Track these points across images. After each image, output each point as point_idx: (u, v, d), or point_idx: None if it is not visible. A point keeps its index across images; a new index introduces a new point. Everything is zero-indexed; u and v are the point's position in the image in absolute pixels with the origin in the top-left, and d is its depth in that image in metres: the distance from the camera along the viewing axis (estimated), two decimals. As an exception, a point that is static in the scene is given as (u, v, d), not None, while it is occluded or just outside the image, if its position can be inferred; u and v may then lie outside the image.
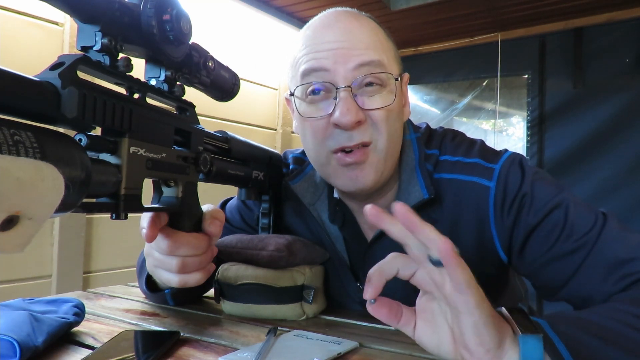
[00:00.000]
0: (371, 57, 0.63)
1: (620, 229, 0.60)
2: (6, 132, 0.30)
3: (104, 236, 1.78)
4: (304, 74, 0.65)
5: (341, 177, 0.66)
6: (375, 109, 0.64)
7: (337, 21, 0.66)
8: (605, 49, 2.60)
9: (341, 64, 0.62)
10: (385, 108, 0.64)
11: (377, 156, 0.65)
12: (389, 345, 0.58)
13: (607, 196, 2.53)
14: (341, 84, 0.63)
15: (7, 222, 0.28)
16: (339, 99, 0.62)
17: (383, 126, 0.64)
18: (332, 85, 0.63)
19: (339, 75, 0.63)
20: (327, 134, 0.65)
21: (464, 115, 3.33)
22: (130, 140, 0.46)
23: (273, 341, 0.57)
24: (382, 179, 0.68)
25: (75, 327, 0.60)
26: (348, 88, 0.62)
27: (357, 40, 0.64)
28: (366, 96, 0.64)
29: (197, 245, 0.57)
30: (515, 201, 0.64)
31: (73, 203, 0.38)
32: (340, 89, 0.62)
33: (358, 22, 0.66)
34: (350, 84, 0.62)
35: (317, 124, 0.65)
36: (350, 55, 0.63)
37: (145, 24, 0.47)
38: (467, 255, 0.68)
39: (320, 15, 0.69)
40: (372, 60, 0.63)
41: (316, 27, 0.67)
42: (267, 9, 2.45)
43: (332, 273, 0.78)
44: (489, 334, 0.40)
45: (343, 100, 0.62)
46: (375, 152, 0.65)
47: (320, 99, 0.65)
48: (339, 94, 0.63)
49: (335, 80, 0.63)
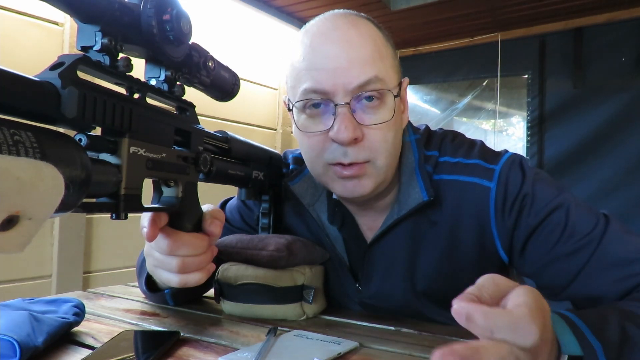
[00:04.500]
0: (369, 75, 0.62)
1: (622, 231, 0.60)
2: (6, 132, 0.30)
3: (104, 236, 1.78)
4: (304, 92, 0.65)
5: (338, 186, 0.67)
6: (373, 125, 0.63)
7: (335, 29, 0.65)
8: (605, 49, 2.60)
9: (340, 85, 0.62)
10: (384, 124, 0.64)
11: (375, 170, 0.65)
12: (389, 345, 0.58)
13: (607, 196, 2.53)
14: (340, 101, 0.62)
15: (7, 222, 0.28)
16: (337, 114, 0.62)
17: (381, 146, 0.64)
18: (331, 101, 0.63)
19: (339, 95, 0.63)
20: (325, 147, 0.65)
21: (464, 115, 3.33)
22: (130, 140, 0.45)
23: (273, 341, 0.57)
24: (381, 187, 0.68)
25: (75, 327, 0.60)
26: (347, 105, 0.62)
27: (355, 55, 0.63)
28: (365, 112, 0.64)
29: (197, 245, 0.57)
30: (516, 202, 0.64)
31: (73, 203, 0.37)
32: (339, 106, 0.62)
33: (356, 29, 0.65)
34: (349, 101, 0.62)
35: (315, 138, 0.65)
36: (350, 76, 0.62)
37: (145, 24, 0.47)
38: (467, 256, 0.68)
39: (318, 21, 0.68)
40: (370, 79, 0.62)
41: (314, 34, 0.66)
42: (267, 9, 2.45)
43: (332, 273, 0.78)
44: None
45: (341, 117, 0.62)
46: (373, 167, 0.65)
47: (319, 113, 0.65)
48: (337, 110, 0.63)
49: (334, 99, 0.63)
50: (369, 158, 0.64)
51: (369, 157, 0.64)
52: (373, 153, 0.64)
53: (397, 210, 0.70)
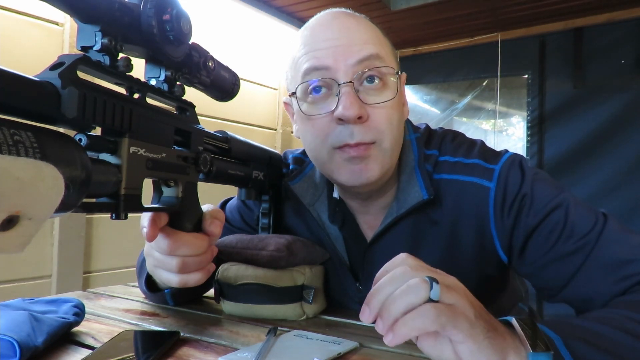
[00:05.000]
0: (370, 51, 0.64)
1: (620, 230, 0.60)
2: (6, 132, 0.30)
3: (104, 236, 1.78)
4: (305, 73, 0.65)
5: (345, 171, 0.65)
6: (377, 104, 0.64)
7: (334, 19, 0.67)
8: (605, 49, 2.60)
9: (341, 60, 0.63)
10: (387, 103, 0.64)
11: (381, 153, 0.65)
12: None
13: (607, 196, 2.53)
14: (342, 79, 0.63)
15: (7, 222, 0.28)
16: (341, 94, 0.63)
17: (386, 125, 0.64)
18: (333, 81, 0.63)
19: (340, 72, 0.63)
20: (330, 130, 0.65)
21: (464, 115, 3.33)
22: (130, 140, 0.45)
23: (273, 341, 0.57)
24: (386, 175, 0.68)
25: (75, 327, 0.60)
26: (350, 83, 0.63)
27: (356, 36, 0.64)
28: (368, 92, 0.64)
29: (197, 245, 0.57)
30: (515, 202, 0.64)
31: (73, 203, 0.37)
32: (342, 85, 0.63)
33: (355, 19, 0.67)
34: (351, 79, 0.63)
35: (320, 122, 0.65)
36: (350, 52, 0.63)
37: (145, 24, 0.47)
38: (467, 256, 0.68)
39: (317, 16, 0.70)
40: (371, 54, 0.63)
41: (314, 26, 0.68)
42: (267, 9, 2.45)
43: (332, 273, 0.78)
44: (487, 357, 0.41)
45: (345, 95, 0.62)
46: (379, 149, 0.65)
47: (322, 97, 0.65)
48: (341, 90, 0.63)
49: (336, 77, 0.63)
50: (375, 139, 0.64)
51: (374, 137, 0.64)
52: (379, 134, 0.64)
53: (396, 208, 0.70)
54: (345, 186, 0.69)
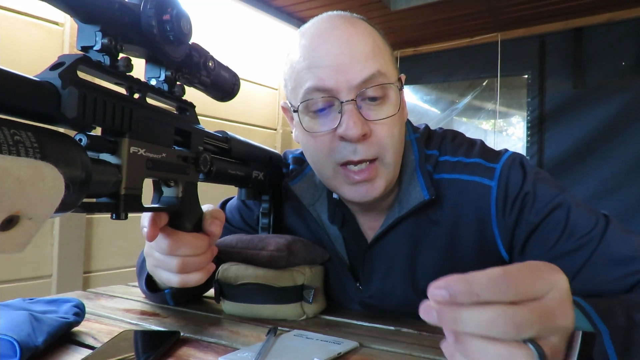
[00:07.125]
0: (372, 70, 0.62)
1: (622, 230, 0.61)
2: (6, 132, 0.30)
3: (104, 236, 1.78)
4: (306, 92, 0.64)
5: (349, 191, 0.66)
6: (380, 120, 0.63)
7: (333, 29, 0.65)
8: (605, 49, 2.60)
9: (344, 82, 0.62)
10: (389, 119, 0.64)
11: (385, 168, 0.65)
12: (389, 345, 0.58)
13: (607, 196, 2.54)
14: (345, 98, 0.62)
15: (7, 222, 0.28)
16: (344, 112, 0.62)
17: (388, 140, 0.64)
18: (336, 99, 0.63)
19: (343, 92, 0.62)
20: (333, 147, 0.64)
21: (464, 115, 3.33)
22: (130, 140, 0.46)
23: (273, 341, 0.57)
24: (390, 186, 0.68)
25: (75, 327, 0.60)
26: (353, 101, 0.62)
27: (357, 51, 0.63)
28: (370, 108, 0.64)
29: (197, 245, 0.58)
30: (517, 200, 0.64)
31: (73, 203, 0.38)
32: (344, 103, 0.62)
33: (354, 27, 0.65)
34: (354, 97, 0.62)
35: (322, 138, 0.65)
36: (352, 72, 0.62)
37: (145, 24, 0.47)
38: (468, 255, 0.68)
39: (314, 22, 0.68)
40: (373, 74, 0.62)
41: (312, 35, 0.66)
42: (267, 9, 2.45)
43: (332, 273, 0.78)
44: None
45: (348, 113, 0.62)
46: (383, 165, 0.65)
47: (324, 114, 0.65)
48: (343, 108, 0.62)
49: (339, 96, 0.63)
50: (378, 154, 0.64)
51: (377, 153, 0.64)
52: (381, 149, 0.64)
53: (398, 210, 0.70)
54: (350, 202, 0.70)
